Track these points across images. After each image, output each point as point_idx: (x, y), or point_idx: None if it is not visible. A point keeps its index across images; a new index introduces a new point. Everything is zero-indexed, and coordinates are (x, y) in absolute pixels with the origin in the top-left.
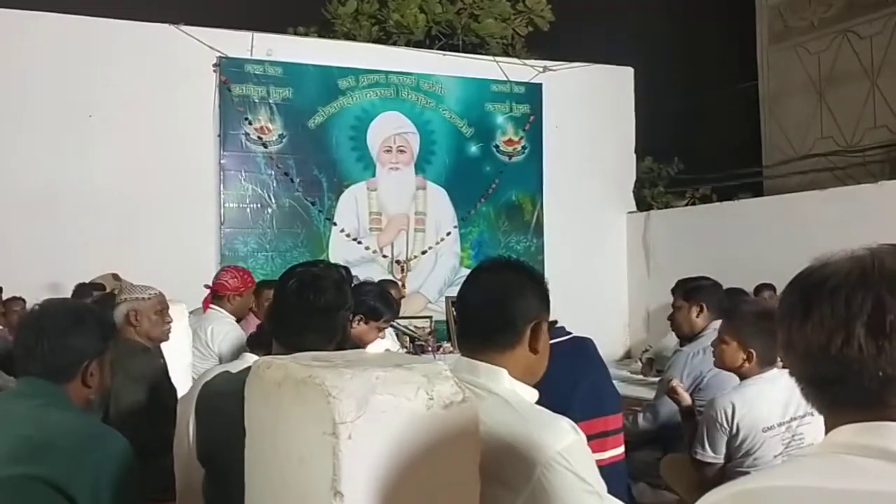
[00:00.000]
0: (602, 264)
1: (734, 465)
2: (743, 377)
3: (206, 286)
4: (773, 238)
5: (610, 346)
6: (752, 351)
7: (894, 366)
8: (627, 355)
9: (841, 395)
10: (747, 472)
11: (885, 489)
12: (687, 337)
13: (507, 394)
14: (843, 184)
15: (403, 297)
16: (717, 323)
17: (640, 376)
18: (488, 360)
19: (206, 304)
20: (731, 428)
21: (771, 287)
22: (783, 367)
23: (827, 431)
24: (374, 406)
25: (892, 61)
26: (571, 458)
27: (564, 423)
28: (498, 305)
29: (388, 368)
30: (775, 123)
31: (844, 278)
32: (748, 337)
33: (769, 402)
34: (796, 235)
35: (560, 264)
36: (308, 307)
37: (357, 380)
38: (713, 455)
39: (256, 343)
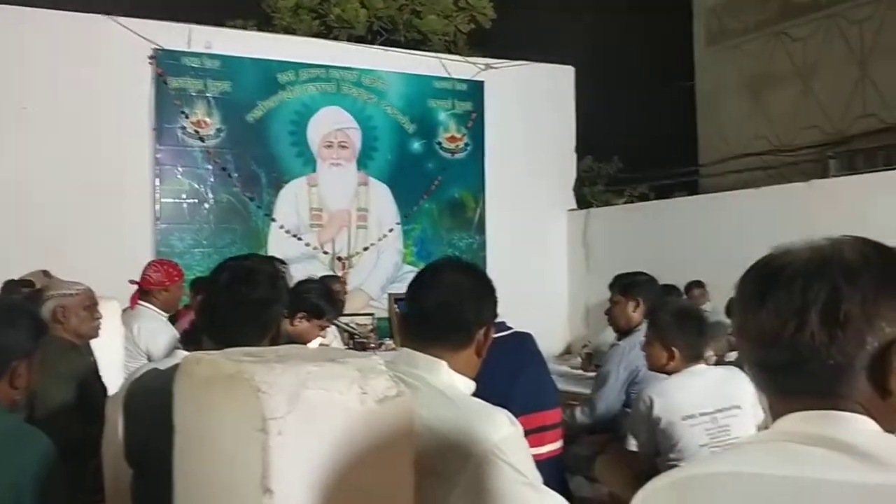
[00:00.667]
0: (543, 261)
1: (662, 458)
2: (670, 374)
3: (131, 282)
4: (707, 236)
5: (550, 342)
6: (675, 349)
7: (845, 355)
8: (568, 350)
9: (791, 382)
10: (674, 463)
11: (829, 477)
12: (624, 331)
13: (444, 386)
14: (776, 183)
15: (346, 293)
16: None
17: (580, 371)
18: (433, 356)
19: (134, 300)
20: (652, 418)
21: (701, 285)
22: (714, 362)
23: (775, 419)
24: (305, 401)
25: (823, 63)
26: (508, 449)
27: (501, 414)
28: (456, 308)
29: (321, 363)
30: (711, 123)
31: (803, 266)
32: (669, 337)
33: (689, 392)
34: (730, 233)
35: (502, 261)
36: (240, 301)
37: (288, 374)
38: (643, 446)
39: (189, 339)
